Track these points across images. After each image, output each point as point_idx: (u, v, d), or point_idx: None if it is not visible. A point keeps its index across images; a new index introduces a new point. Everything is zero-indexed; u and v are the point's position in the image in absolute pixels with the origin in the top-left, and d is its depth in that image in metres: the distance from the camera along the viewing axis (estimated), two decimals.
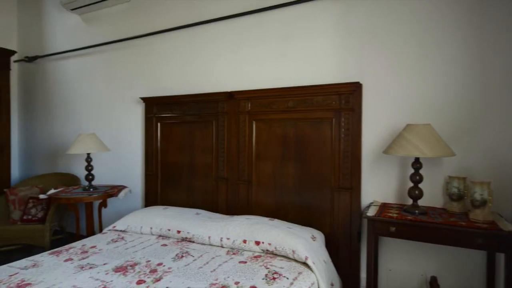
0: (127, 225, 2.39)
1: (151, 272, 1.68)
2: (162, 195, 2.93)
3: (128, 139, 3.20)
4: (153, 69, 3.06)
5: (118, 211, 3.19)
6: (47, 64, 3.78)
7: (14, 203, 3.07)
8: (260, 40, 2.54)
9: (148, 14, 3.06)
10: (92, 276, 1.63)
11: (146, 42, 3.08)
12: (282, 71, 2.47)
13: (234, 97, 2.55)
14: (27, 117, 3.97)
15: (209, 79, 2.77)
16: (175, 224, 2.24)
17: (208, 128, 2.70)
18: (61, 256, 1.91)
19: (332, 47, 2.30)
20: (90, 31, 3.43)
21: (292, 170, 2.38)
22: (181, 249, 2.01)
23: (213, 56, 2.75)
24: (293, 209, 2.38)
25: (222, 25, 2.70)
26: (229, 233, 2.03)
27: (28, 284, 1.53)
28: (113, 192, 2.79)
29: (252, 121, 2.51)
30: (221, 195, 2.63)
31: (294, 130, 2.37)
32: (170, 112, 2.87)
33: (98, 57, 3.39)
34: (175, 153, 2.86)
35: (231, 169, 2.59)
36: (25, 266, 1.77)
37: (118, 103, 3.27)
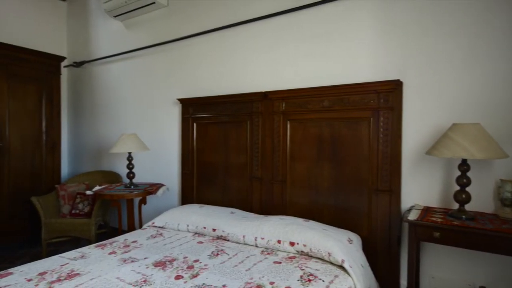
0: (165, 222, 2.48)
1: (188, 268, 1.73)
2: (197, 193, 3.01)
3: (166, 139, 3.33)
4: (189, 70, 3.15)
5: (156, 208, 3.33)
6: (93, 68, 4.03)
7: (64, 198, 3.31)
8: (295, 40, 2.52)
9: (185, 18, 3.16)
10: (134, 269, 1.71)
11: (183, 45, 3.18)
12: (317, 70, 2.43)
13: (268, 97, 2.55)
14: (75, 118, 4.26)
15: (243, 80, 2.80)
16: (211, 222, 2.28)
17: (242, 128, 2.73)
18: (105, 249, 2.03)
19: (370, 44, 2.22)
20: (131, 36, 3.61)
21: (327, 171, 2.33)
22: (216, 247, 2.05)
23: (248, 56, 2.77)
24: (328, 210, 2.34)
25: (256, 26, 2.71)
26: (263, 233, 2.04)
27: (77, 274, 1.64)
28: (152, 189, 2.91)
29: (286, 121, 2.50)
30: (255, 195, 2.65)
31: (330, 130, 2.32)
32: (206, 113, 2.93)
33: (139, 60, 3.56)
34: (210, 152, 2.92)
35: (265, 169, 2.60)
36: (74, 257, 1.89)
37: (156, 105, 3.40)
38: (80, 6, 4.14)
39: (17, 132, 3.38)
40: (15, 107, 3.36)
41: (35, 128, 3.55)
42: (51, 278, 1.60)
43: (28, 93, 3.48)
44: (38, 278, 1.59)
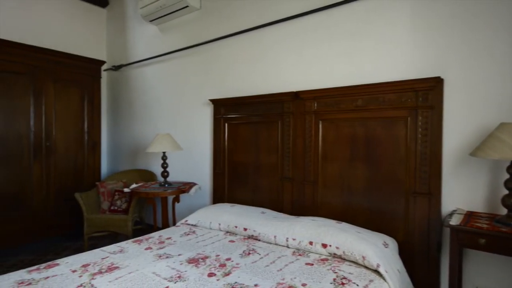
0: (198, 220, 2.54)
1: (221, 266, 1.75)
2: (229, 192, 3.04)
3: (198, 139, 3.41)
4: (221, 71, 3.20)
5: (189, 206, 3.42)
6: (130, 71, 4.21)
7: (104, 195, 3.50)
8: (326, 38, 2.48)
9: (217, 20, 3.21)
10: (169, 265, 1.76)
11: (215, 46, 3.23)
12: (350, 69, 2.37)
13: (300, 97, 2.53)
14: (113, 119, 4.48)
15: (274, 80, 2.79)
16: (242, 222, 2.30)
17: (273, 128, 2.73)
18: (142, 245, 2.11)
19: (406, 40, 2.13)
20: (166, 39, 3.73)
21: (361, 172, 2.27)
22: (247, 246, 2.06)
23: (278, 56, 2.77)
24: (362, 212, 2.27)
25: (287, 25, 2.70)
26: (295, 234, 2.02)
27: (116, 268, 1.72)
28: (185, 188, 2.99)
29: (318, 121, 2.46)
30: (286, 195, 2.63)
31: (364, 129, 2.25)
32: (237, 113, 2.96)
33: (172, 63, 3.67)
34: (242, 152, 2.95)
35: (297, 169, 2.58)
36: (114, 251, 1.99)
37: (189, 105, 3.49)
38: (119, 13, 4.34)
39: (62, 133, 3.62)
40: (60, 109, 3.59)
41: (78, 129, 3.77)
42: (93, 270, 1.69)
43: (71, 96, 3.71)
44: (82, 270, 1.69)
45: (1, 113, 3.12)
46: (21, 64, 3.25)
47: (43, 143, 3.44)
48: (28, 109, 3.32)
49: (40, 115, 3.41)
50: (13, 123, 3.21)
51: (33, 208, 3.36)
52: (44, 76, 3.44)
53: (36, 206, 3.38)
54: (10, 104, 3.18)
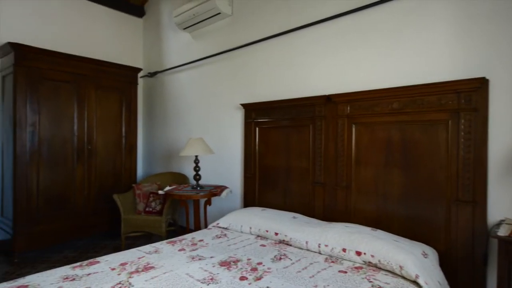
0: (229, 223, 2.56)
1: (252, 270, 1.75)
2: (259, 196, 3.05)
3: (229, 143, 3.45)
4: (252, 76, 3.23)
5: (220, 209, 3.46)
6: (164, 77, 4.37)
7: (139, 197, 3.64)
8: (361, 39, 2.42)
9: (248, 26, 3.25)
10: (202, 267, 1.79)
11: (246, 51, 3.27)
12: (385, 71, 2.30)
13: (332, 101, 2.48)
14: (149, 124, 4.67)
15: (306, 84, 2.77)
16: (273, 226, 2.29)
17: (304, 132, 2.70)
18: (175, 246, 2.17)
19: (447, 39, 2.03)
20: (198, 46, 3.84)
21: (397, 178, 2.18)
22: (279, 251, 2.05)
23: (310, 60, 2.74)
24: (398, 220, 2.17)
25: (319, 28, 2.67)
26: (327, 240, 1.98)
27: (152, 267, 1.78)
28: (217, 191, 3.04)
29: (351, 124, 2.40)
30: (318, 200, 2.59)
31: (400, 133, 2.17)
32: (268, 117, 2.97)
33: (204, 68, 3.76)
34: (272, 156, 2.95)
35: (329, 174, 2.53)
36: (149, 251, 2.06)
37: (221, 110, 3.56)
38: (154, 22, 4.54)
39: (102, 137, 3.82)
40: (101, 114, 3.80)
41: (116, 133, 3.97)
42: (131, 269, 1.76)
43: (111, 102, 3.91)
44: (120, 268, 1.77)
45: (49, 118, 3.36)
46: (66, 73, 3.49)
47: (85, 147, 3.65)
48: (72, 114, 3.55)
49: (82, 120, 3.63)
50: (59, 128, 3.44)
51: (76, 207, 3.57)
52: (87, 84, 3.66)
53: (78, 206, 3.59)
54: (57, 110, 3.42)
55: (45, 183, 3.32)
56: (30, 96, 3.20)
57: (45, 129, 3.33)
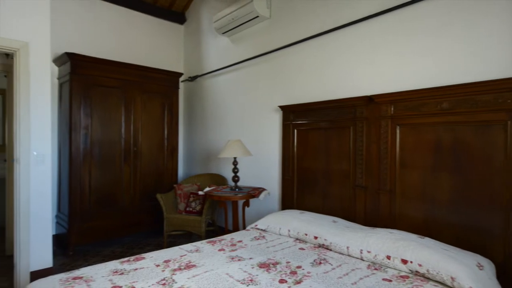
0: (267, 225, 2.56)
1: (291, 273, 1.74)
2: (298, 199, 3.02)
3: (267, 145, 3.46)
4: (290, 78, 3.21)
5: (258, 211, 3.48)
6: (204, 81, 4.50)
7: (180, 197, 3.77)
8: (405, 36, 2.31)
9: (286, 27, 3.25)
10: (241, 267, 1.81)
11: (284, 53, 3.27)
12: (432, 69, 2.16)
13: (375, 101, 2.39)
14: (189, 126, 4.83)
15: (346, 84, 2.70)
16: (312, 230, 2.25)
17: (344, 134, 2.63)
18: (215, 246, 2.21)
19: (503, 33, 1.86)
20: (236, 49, 3.90)
21: (446, 182, 2.04)
22: (318, 255, 2.01)
23: (350, 60, 2.67)
24: (448, 228, 2.03)
25: (360, 27, 2.59)
26: (370, 246, 1.90)
27: (193, 266, 1.83)
28: (255, 193, 3.06)
29: (395, 126, 2.29)
30: (359, 204, 2.50)
31: (450, 135, 2.03)
32: (306, 119, 2.93)
33: (242, 71, 3.82)
34: (311, 158, 2.90)
35: (371, 177, 2.43)
36: (191, 250, 2.12)
37: (259, 112, 3.58)
38: (195, 28, 4.70)
39: (146, 139, 4.02)
40: (146, 118, 4.01)
41: (159, 136, 4.15)
42: (174, 266, 1.82)
43: (154, 106, 4.10)
44: (164, 265, 1.84)
45: (99, 122, 3.60)
46: (115, 79, 3.73)
47: (131, 148, 3.87)
48: (120, 118, 3.78)
49: (129, 124, 3.85)
50: (108, 131, 3.68)
51: (123, 206, 3.79)
52: (133, 89, 3.88)
53: (125, 205, 3.81)
54: (106, 114, 3.66)
55: (96, 182, 3.57)
56: (83, 101, 3.46)
57: (96, 132, 3.58)
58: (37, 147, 2.76)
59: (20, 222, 2.66)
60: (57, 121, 3.73)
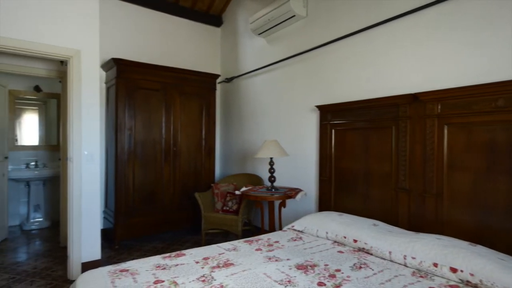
0: (304, 226, 2.53)
1: (330, 276, 1.70)
2: (335, 200, 2.95)
3: (303, 145, 3.42)
4: (327, 77, 3.15)
5: (294, 212, 3.45)
6: (240, 82, 4.56)
7: (217, 196, 3.85)
8: (452, 30, 2.15)
9: (323, 26, 3.19)
10: (278, 268, 1.80)
11: (321, 52, 3.21)
12: (483, 64, 2.00)
13: (419, 100, 2.26)
14: (225, 127, 4.92)
15: (386, 83, 2.59)
16: (352, 233, 2.19)
17: (385, 134, 2.52)
18: (252, 245, 2.23)
19: None
20: (272, 50, 3.90)
21: (503, 186, 1.87)
22: (358, 259, 1.94)
23: (391, 57, 2.55)
24: (504, 235, 1.86)
25: (401, 23, 2.47)
26: (415, 252, 1.80)
27: (231, 264, 1.86)
28: (291, 194, 3.03)
29: (443, 125, 2.15)
30: (402, 207, 2.38)
31: (507, 135, 1.86)
32: (344, 119, 2.86)
33: (278, 72, 3.81)
34: (349, 159, 2.82)
35: (415, 179, 2.31)
36: (228, 248, 2.16)
37: (295, 112, 3.55)
38: (231, 30, 4.77)
39: (185, 139, 4.16)
40: (184, 119, 4.14)
41: (197, 136, 4.27)
42: (212, 263, 1.86)
43: (192, 107, 4.23)
44: (203, 262, 1.89)
45: (142, 123, 3.79)
46: (156, 82, 3.89)
47: (171, 148, 4.02)
48: (161, 119, 3.94)
49: (169, 124, 4.00)
50: (149, 131, 3.85)
51: (163, 204, 3.95)
52: (173, 91, 4.03)
53: (165, 202, 3.97)
54: (148, 115, 3.84)
55: (139, 180, 3.76)
56: (128, 104, 3.66)
57: (139, 133, 3.76)
58: (88, 147, 2.96)
59: (73, 216, 2.87)
60: (104, 122, 3.98)
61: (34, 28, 2.68)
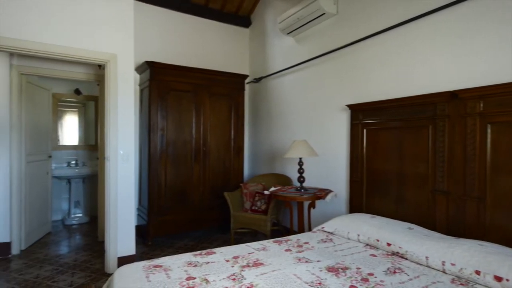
0: (335, 228, 2.48)
1: (363, 280, 1.65)
2: (367, 202, 2.86)
3: (333, 145, 3.35)
4: (358, 75, 3.07)
5: (323, 213, 3.39)
6: (268, 82, 4.56)
7: (246, 195, 3.87)
8: (492, 24, 2.01)
9: (354, 23, 3.11)
10: (309, 270, 1.78)
11: (351, 50, 3.13)
12: None
13: (459, 97, 2.14)
14: (254, 127, 4.94)
15: (422, 80, 2.47)
16: (385, 236, 2.12)
17: (421, 133, 2.41)
18: (281, 246, 2.22)
19: None
20: (301, 49, 3.86)
21: None
22: (392, 264, 1.87)
23: (425, 54, 2.43)
24: None
25: (437, 17, 2.35)
26: (454, 258, 1.71)
27: (261, 264, 1.86)
28: (321, 194, 2.98)
29: (485, 124, 2.02)
30: (440, 211, 2.27)
31: None
32: (377, 118, 2.77)
33: (307, 71, 3.76)
34: (382, 160, 2.73)
35: (454, 182, 2.19)
36: (258, 248, 2.16)
37: (324, 112, 3.49)
38: (259, 30, 4.79)
39: (214, 139, 4.22)
40: (214, 119, 4.21)
41: (226, 136, 4.33)
42: (242, 262, 1.88)
43: (222, 108, 4.29)
44: (233, 261, 1.91)
45: (173, 123, 3.90)
46: (187, 83, 3.99)
47: (201, 148, 4.10)
48: (191, 120, 4.03)
49: (199, 125, 4.09)
50: (180, 132, 3.95)
51: (194, 202, 4.04)
52: (202, 92, 4.11)
53: (195, 201, 4.05)
54: (179, 116, 3.94)
55: (170, 179, 3.87)
56: (160, 105, 3.78)
57: (170, 133, 3.88)
58: (123, 147, 3.10)
59: (110, 212, 3.02)
60: (138, 123, 4.14)
61: (75, 35, 2.85)
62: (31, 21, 2.66)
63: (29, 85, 3.68)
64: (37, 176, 3.87)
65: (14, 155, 3.42)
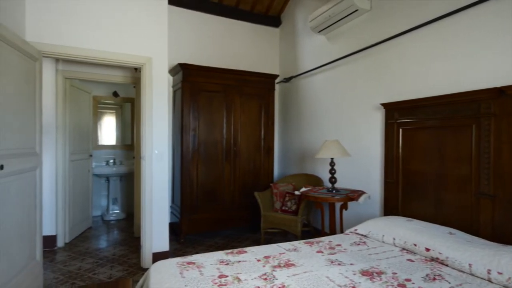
0: (369, 231, 2.41)
1: (399, 286, 1.59)
2: (403, 205, 2.74)
3: (366, 145, 3.25)
4: (393, 73, 2.95)
5: (356, 215, 3.30)
6: (298, 82, 4.52)
7: (276, 195, 3.86)
8: None
9: (388, 19, 2.99)
10: (341, 272, 1.74)
11: (386, 47, 3.02)
12: None
13: (506, 94, 1.99)
14: (284, 127, 4.92)
15: (463, 76, 2.33)
16: (423, 240, 2.02)
17: (463, 133, 2.27)
18: (313, 247, 2.19)
19: None
20: (332, 47, 3.79)
21: None
22: (431, 270, 1.78)
23: (466, 49, 2.29)
24: None
25: (480, 9, 2.20)
26: (501, 267, 1.59)
27: (292, 265, 1.85)
28: (354, 196, 2.91)
29: None
30: (484, 216, 2.12)
31: None
32: (413, 117, 2.64)
33: (339, 69, 3.68)
34: (419, 161, 2.60)
35: (501, 185, 2.04)
36: (289, 248, 2.15)
37: (357, 111, 3.40)
38: (289, 29, 4.75)
39: (245, 139, 4.26)
40: (244, 119, 4.24)
41: (256, 136, 4.34)
42: (273, 262, 1.88)
43: (252, 108, 4.31)
44: (264, 261, 1.91)
45: (205, 124, 3.98)
46: (217, 84, 4.05)
47: (231, 148, 4.15)
48: (222, 120, 4.09)
49: (229, 125, 4.14)
50: (211, 132, 4.03)
51: (224, 201, 4.10)
52: (233, 93, 4.15)
53: (226, 200, 4.11)
54: (210, 116, 4.01)
55: (202, 178, 3.95)
56: (192, 106, 3.88)
57: (202, 133, 3.96)
58: (158, 146, 3.21)
59: (145, 209, 3.14)
60: (171, 123, 4.27)
61: (115, 40, 3.00)
62: (76, 29, 2.83)
63: (72, 89, 3.92)
64: (79, 174, 4.12)
65: (59, 154, 3.66)
